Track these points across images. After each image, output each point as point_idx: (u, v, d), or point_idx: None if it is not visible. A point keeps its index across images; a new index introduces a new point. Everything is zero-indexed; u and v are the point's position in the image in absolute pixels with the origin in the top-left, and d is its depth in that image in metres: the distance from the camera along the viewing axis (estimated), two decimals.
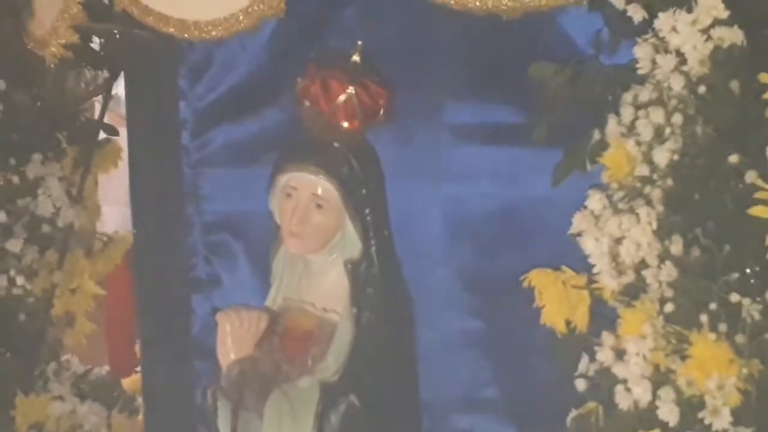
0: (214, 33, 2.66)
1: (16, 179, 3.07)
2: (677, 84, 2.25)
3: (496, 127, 2.96)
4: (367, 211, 2.60)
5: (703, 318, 2.16)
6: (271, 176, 2.65)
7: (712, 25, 2.22)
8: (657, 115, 2.27)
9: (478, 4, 2.44)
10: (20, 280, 3.04)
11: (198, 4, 2.66)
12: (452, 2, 2.45)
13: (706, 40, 2.22)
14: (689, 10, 2.23)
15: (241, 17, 2.59)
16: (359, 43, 2.62)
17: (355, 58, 2.61)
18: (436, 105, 3.02)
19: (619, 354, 2.25)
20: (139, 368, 3.55)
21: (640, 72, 2.31)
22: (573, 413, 2.34)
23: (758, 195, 2.14)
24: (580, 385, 2.34)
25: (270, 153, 2.78)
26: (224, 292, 3.31)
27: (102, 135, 3.29)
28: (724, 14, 2.21)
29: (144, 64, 3.23)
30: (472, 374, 3.03)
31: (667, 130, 2.26)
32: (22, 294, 3.05)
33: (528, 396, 2.94)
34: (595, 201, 2.33)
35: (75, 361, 3.27)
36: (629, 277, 2.28)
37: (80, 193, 3.20)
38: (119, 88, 3.38)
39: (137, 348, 3.61)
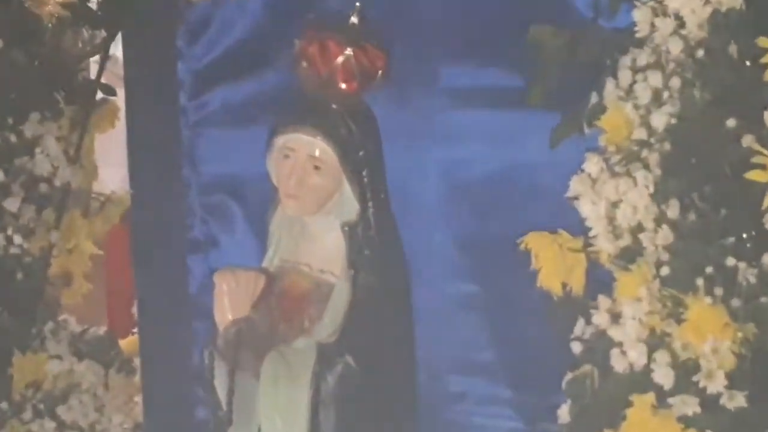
0: None
1: (13, 138, 3.06)
2: (675, 47, 2.24)
3: (492, 91, 2.95)
4: (364, 172, 2.58)
5: (699, 282, 2.16)
6: (269, 138, 2.62)
7: None
8: (655, 78, 2.26)
9: None
10: (18, 239, 3.04)
11: None
12: None
13: (705, 3, 2.22)
14: None
15: None
16: (357, 4, 2.59)
17: (354, 19, 2.59)
18: (433, 68, 3.00)
19: (615, 317, 2.26)
20: (136, 329, 3.55)
21: (639, 35, 2.30)
22: (568, 376, 2.35)
23: (755, 159, 2.13)
24: (576, 347, 2.35)
25: (267, 114, 2.78)
26: (221, 253, 3.31)
27: (99, 95, 3.28)
28: None
29: (142, 24, 3.22)
30: (468, 336, 3.03)
31: (665, 94, 2.26)
32: (20, 253, 3.05)
33: (523, 359, 2.94)
34: (593, 164, 2.33)
35: (72, 320, 3.27)
36: (626, 241, 2.28)
37: (77, 152, 3.19)
38: (117, 49, 3.36)
39: (134, 309, 3.61)
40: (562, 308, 2.38)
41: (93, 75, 3.33)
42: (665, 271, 2.21)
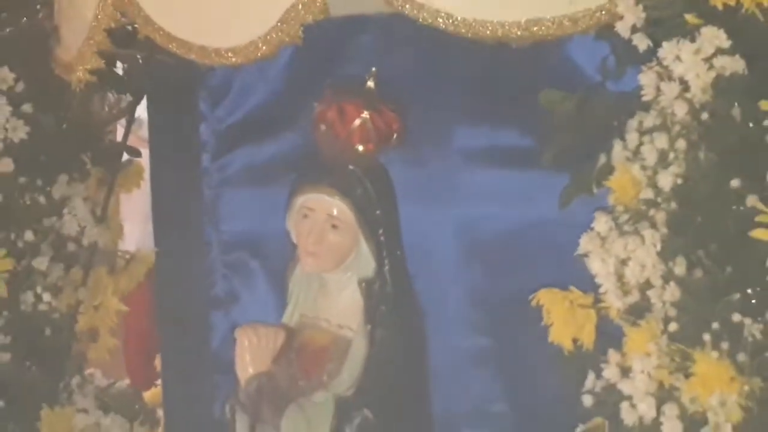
0: (234, 59, 2.67)
1: (42, 199, 3.08)
2: (681, 110, 2.25)
3: (505, 151, 2.95)
4: (380, 231, 2.62)
5: (706, 337, 2.16)
6: (288, 197, 2.66)
7: (715, 54, 2.22)
8: (661, 140, 2.27)
9: (489, 32, 2.44)
10: (46, 297, 3.05)
11: (219, 32, 2.67)
12: (463, 30, 2.45)
13: (709, 68, 2.22)
14: (692, 40, 2.24)
15: (260, 44, 2.60)
16: (373, 69, 2.64)
17: (370, 84, 2.63)
18: (447, 130, 3.01)
19: (625, 371, 2.25)
20: (159, 382, 3.55)
21: (645, 99, 2.31)
22: (580, 428, 2.34)
23: (759, 218, 2.14)
24: (587, 401, 2.34)
25: (287, 175, 2.79)
26: (242, 309, 3.30)
27: (125, 156, 3.31)
28: (726, 44, 2.22)
29: (166, 88, 3.25)
30: (482, 390, 3.01)
31: (671, 155, 2.26)
32: (48, 310, 3.06)
33: (536, 411, 2.92)
34: (602, 223, 2.33)
35: (98, 374, 3.27)
36: (634, 297, 2.28)
37: (104, 212, 3.21)
38: (142, 111, 3.39)
39: (157, 362, 3.61)
40: (574, 362, 2.37)
41: (119, 137, 3.36)
42: (673, 326, 2.21)
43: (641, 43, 2.32)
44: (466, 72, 2.87)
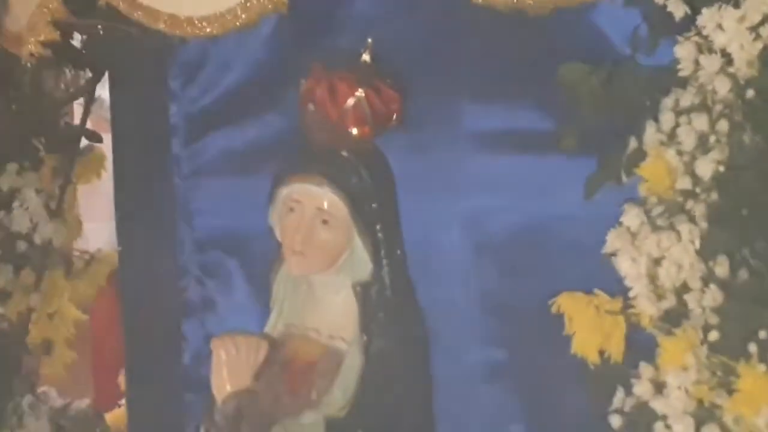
0: (209, 30, 2.67)
1: None
2: (723, 87, 2.27)
3: (521, 134, 2.95)
4: (378, 227, 2.62)
5: (752, 348, 2.18)
6: (272, 188, 2.67)
7: (762, 23, 2.24)
8: (700, 121, 2.29)
9: None
10: None
11: None
12: None
13: (755, 38, 2.24)
14: (736, 6, 2.26)
15: (239, 12, 2.61)
16: (369, 40, 2.64)
17: (365, 57, 2.64)
18: (455, 110, 3.01)
19: (659, 387, 2.27)
20: (123, 401, 3.55)
21: (682, 74, 2.33)
22: None
23: None
24: (615, 421, 2.35)
25: (270, 163, 2.80)
26: (219, 317, 3.31)
27: (84, 142, 3.32)
28: None
29: (131, 64, 3.25)
30: (495, 410, 3.01)
31: (712, 139, 2.28)
32: None
33: None
34: (632, 217, 2.35)
35: (53, 393, 3.28)
36: (669, 302, 2.30)
37: (60, 206, 3.23)
38: (103, 90, 3.39)
39: (121, 379, 3.61)
40: (600, 377, 2.39)
41: (77, 120, 3.36)
42: (714, 335, 2.22)
43: (677, 9, 2.34)
44: (476, 44, 2.88)
